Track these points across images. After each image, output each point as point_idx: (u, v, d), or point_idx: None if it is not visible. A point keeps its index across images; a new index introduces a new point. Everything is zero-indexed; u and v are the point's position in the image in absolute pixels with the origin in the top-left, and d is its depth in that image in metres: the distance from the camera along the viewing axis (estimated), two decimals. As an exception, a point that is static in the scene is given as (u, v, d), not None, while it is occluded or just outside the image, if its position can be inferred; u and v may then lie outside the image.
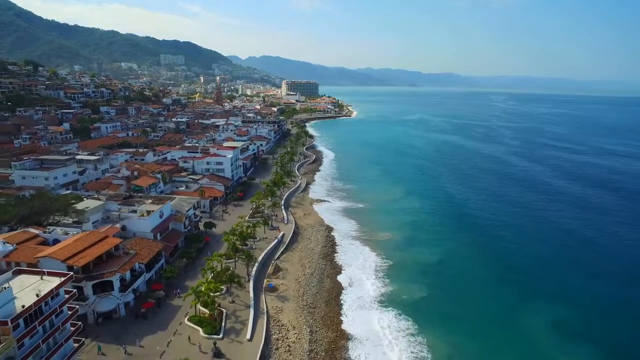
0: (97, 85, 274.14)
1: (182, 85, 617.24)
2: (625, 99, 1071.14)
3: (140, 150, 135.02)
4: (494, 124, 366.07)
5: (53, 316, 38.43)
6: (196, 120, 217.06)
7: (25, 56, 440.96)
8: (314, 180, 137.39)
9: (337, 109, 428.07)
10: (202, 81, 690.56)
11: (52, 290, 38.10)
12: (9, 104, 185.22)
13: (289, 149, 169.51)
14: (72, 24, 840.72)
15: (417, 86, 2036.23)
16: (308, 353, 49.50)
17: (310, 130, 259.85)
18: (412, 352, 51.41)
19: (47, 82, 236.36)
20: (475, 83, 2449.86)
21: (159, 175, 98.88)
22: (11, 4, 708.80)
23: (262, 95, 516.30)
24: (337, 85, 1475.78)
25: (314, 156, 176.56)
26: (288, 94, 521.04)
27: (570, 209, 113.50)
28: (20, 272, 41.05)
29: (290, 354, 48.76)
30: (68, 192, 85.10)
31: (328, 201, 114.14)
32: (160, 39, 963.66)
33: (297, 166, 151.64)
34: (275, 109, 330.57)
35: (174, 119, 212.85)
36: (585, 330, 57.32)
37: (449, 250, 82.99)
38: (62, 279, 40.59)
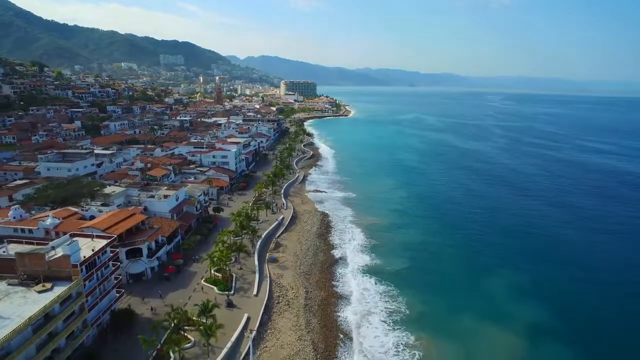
0: (101, 85, 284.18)
1: (182, 85, 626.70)
2: (625, 100, 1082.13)
3: (149, 146, 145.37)
4: (487, 122, 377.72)
5: (103, 268, 48.99)
6: (199, 119, 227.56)
7: (25, 56, 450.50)
8: (311, 174, 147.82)
9: (334, 109, 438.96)
10: (201, 81, 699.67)
11: (102, 247, 48.65)
12: (22, 103, 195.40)
13: (287, 146, 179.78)
14: (72, 24, 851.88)
15: (416, 86, 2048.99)
16: (304, 307, 59.92)
17: (308, 129, 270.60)
18: (390, 308, 61.86)
19: (55, 82, 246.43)
20: (474, 83, 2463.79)
21: (170, 167, 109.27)
22: (11, 4, 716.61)
23: (261, 95, 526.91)
24: (336, 85, 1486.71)
25: (312, 152, 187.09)
26: (287, 94, 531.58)
27: (540, 201, 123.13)
28: (74, 235, 51.38)
29: (289, 307, 59.25)
30: (91, 180, 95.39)
31: (324, 191, 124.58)
32: (160, 39, 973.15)
33: (295, 161, 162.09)
34: (274, 109, 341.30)
35: (178, 118, 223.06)
36: (536, 292, 68.34)
37: (429, 233, 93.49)
38: (108, 240, 51.18)
